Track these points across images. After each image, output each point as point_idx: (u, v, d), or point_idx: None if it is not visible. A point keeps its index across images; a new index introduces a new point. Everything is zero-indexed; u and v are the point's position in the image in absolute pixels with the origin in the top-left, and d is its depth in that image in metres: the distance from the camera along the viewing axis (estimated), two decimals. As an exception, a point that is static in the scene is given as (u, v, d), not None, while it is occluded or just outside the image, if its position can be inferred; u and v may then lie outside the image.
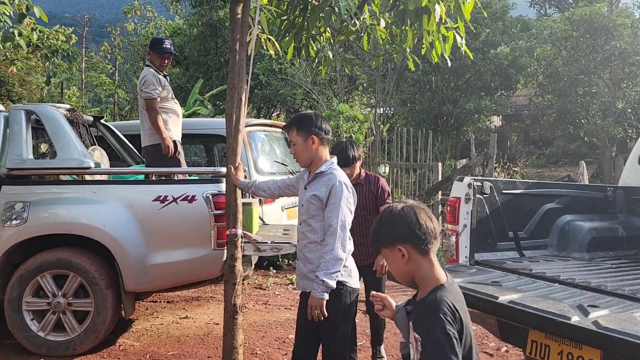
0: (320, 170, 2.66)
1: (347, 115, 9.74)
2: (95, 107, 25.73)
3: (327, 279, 2.50)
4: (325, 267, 2.51)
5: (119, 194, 3.94)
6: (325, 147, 2.71)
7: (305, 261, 2.68)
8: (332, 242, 2.53)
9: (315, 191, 2.62)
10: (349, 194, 2.62)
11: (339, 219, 2.54)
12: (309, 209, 2.65)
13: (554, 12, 22.48)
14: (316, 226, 2.63)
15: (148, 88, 4.58)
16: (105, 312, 3.84)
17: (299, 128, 2.68)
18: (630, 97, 14.33)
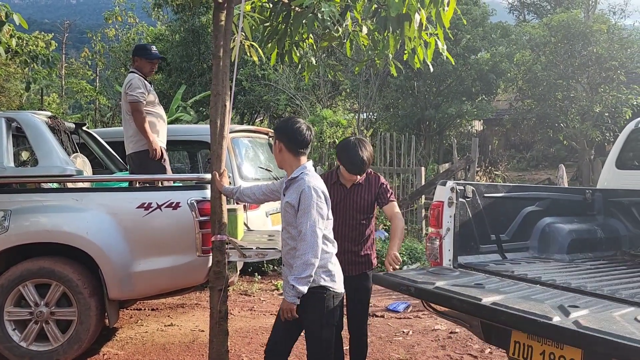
0: (292, 177, 2.70)
1: (331, 121, 9.78)
2: (76, 113, 25.46)
3: (297, 284, 2.52)
4: (297, 272, 2.54)
5: (102, 202, 3.91)
6: (296, 156, 2.71)
7: (289, 267, 2.71)
8: (303, 247, 2.54)
9: (287, 198, 2.66)
10: (319, 198, 2.62)
11: (308, 225, 2.55)
12: (285, 217, 2.70)
13: (532, 18, 22.88)
14: (293, 233, 2.66)
15: (134, 91, 4.54)
16: (88, 320, 3.80)
17: (275, 131, 2.78)
18: (607, 101, 14.62)
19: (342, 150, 3.16)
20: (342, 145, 3.20)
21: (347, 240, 3.20)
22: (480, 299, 2.21)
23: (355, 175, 3.18)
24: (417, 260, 7.06)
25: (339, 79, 9.58)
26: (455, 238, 3.01)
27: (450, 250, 3.00)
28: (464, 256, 3.06)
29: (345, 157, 3.12)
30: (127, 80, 4.66)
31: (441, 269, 2.88)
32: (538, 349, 2.29)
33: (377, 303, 5.63)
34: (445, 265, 3.01)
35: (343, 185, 3.25)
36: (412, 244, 7.55)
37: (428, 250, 3.14)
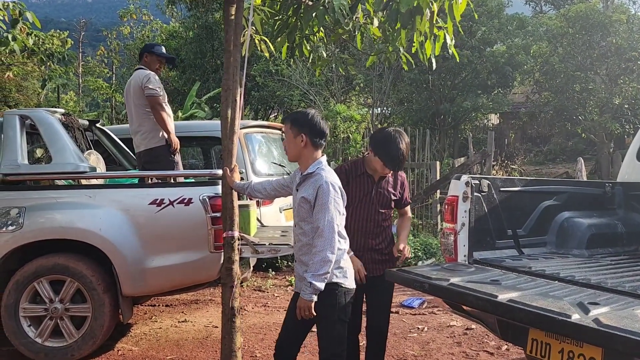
0: (308, 172, 2.65)
1: (345, 116, 9.72)
2: (92, 111, 25.70)
3: (315, 281, 2.49)
4: (314, 269, 2.51)
5: (115, 198, 3.92)
6: (316, 149, 2.67)
7: (300, 263, 2.69)
8: (320, 244, 2.51)
9: (303, 193, 2.61)
10: (337, 194, 2.59)
11: (326, 221, 2.52)
12: (299, 212, 2.64)
13: (549, 9, 22.50)
14: (306, 228, 2.62)
15: (153, 85, 4.55)
16: (102, 317, 3.81)
17: (293, 123, 2.68)
18: (627, 92, 14.32)
19: (380, 143, 2.91)
20: (380, 137, 2.94)
21: (370, 237, 3.03)
22: (496, 295, 2.15)
23: (391, 171, 2.99)
24: (432, 256, 6.98)
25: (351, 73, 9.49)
26: (471, 233, 2.94)
27: (466, 245, 2.94)
28: (480, 252, 2.99)
29: (384, 150, 2.88)
30: (143, 75, 4.61)
31: (456, 265, 2.82)
32: (556, 347, 2.22)
33: (391, 299, 5.57)
34: (460, 261, 2.95)
35: (370, 177, 3.03)
36: (427, 239, 7.48)
37: (443, 246, 3.08)
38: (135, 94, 4.61)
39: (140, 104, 4.61)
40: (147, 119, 4.62)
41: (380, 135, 2.97)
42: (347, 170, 3.00)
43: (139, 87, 4.57)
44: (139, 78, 4.63)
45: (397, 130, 2.99)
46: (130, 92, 4.66)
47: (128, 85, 4.74)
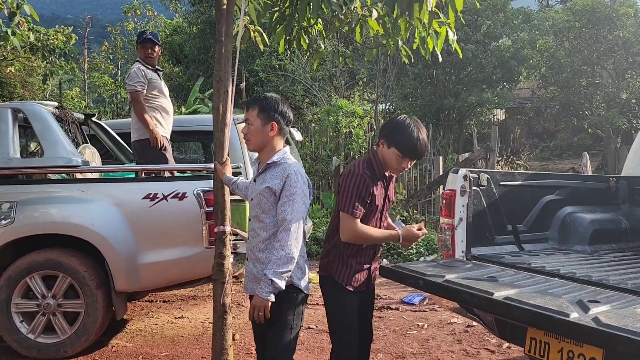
0: (272, 161, 2.43)
1: (347, 111, 9.63)
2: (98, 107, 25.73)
3: (276, 279, 2.25)
4: (275, 265, 2.27)
5: (108, 192, 3.86)
6: (282, 137, 2.49)
7: (255, 261, 2.44)
8: (285, 238, 2.28)
9: (267, 183, 2.39)
10: (305, 185, 2.39)
11: (293, 213, 2.31)
12: (261, 203, 2.40)
13: (556, 3, 22.25)
14: (268, 222, 2.39)
15: (132, 81, 4.52)
16: (96, 313, 3.76)
17: (262, 110, 2.44)
18: (634, 87, 14.13)
19: (393, 131, 2.50)
20: (393, 124, 2.54)
21: (378, 246, 2.69)
22: (492, 293, 2.07)
23: (408, 163, 2.55)
24: (434, 252, 6.89)
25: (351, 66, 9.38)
26: (469, 228, 2.85)
27: (463, 241, 2.85)
28: (478, 247, 2.90)
29: (402, 138, 2.46)
30: (130, 70, 4.63)
31: (453, 261, 2.73)
32: (556, 346, 2.14)
33: (392, 295, 5.50)
34: (457, 257, 2.86)
35: (386, 179, 2.62)
36: (430, 235, 7.38)
37: (440, 242, 3.00)
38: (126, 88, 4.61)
39: (128, 98, 4.61)
40: (133, 112, 4.60)
41: (393, 122, 2.56)
42: (370, 176, 2.48)
43: (125, 81, 4.57)
44: (127, 73, 4.65)
45: (409, 116, 2.58)
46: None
47: None
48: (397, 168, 2.55)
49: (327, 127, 9.62)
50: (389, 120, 2.67)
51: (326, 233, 2.68)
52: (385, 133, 2.54)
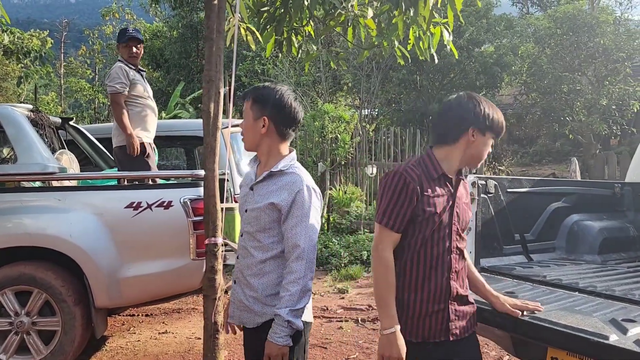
0: (278, 169, 2.00)
1: (333, 115, 9.45)
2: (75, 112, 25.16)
3: (294, 319, 1.86)
4: (291, 302, 1.86)
5: (87, 201, 3.60)
6: (283, 140, 2.04)
7: (245, 286, 2.02)
8: (301, 269, 1.87)
9: (271, 197, 1.96)
10: (318, 202, 1.99)
11: (308, 238, 1.90)
12: (260, 219, 1.98)
13: (536, 11, 22.50)
14: (266, 242, 1.97)
15: (113, 81, 4.23)
16: (73, 331, 3.49)
17: (255, 101, 2.04)
18: (614, 93, 14.27)
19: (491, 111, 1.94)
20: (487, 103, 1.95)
21: (454, 277, 1.91)
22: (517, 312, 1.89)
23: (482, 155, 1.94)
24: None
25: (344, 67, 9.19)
26: (477, 239, 2.68)
27: (472, 252, 2.68)
28: (487, 259, 2.74)
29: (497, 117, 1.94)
30: (111, 70, 4.37)
31: (463, 274, 2.56)
32: (579, 366, 1.97)
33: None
34: (467, 269, 2.68)
35: (450, 181, 1.94)
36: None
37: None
38: None
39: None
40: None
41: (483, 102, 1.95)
42: (419, 175, 1.88)
43: (105, 82, 4.31)
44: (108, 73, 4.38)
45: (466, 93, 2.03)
46: None
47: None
48: (470, 161, 1.96)
49: (313, 132, 9.43)
50: (447, 101, 2.01)
51: None
52: (482, 118, 1.90)
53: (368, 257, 6.93)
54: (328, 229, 8.29)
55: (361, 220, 8.23)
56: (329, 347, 4.25)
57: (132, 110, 4.30)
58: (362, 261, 6.89)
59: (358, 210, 8.48)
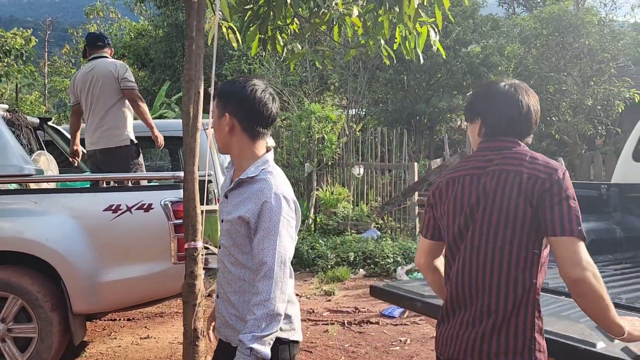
0: (247, 175, 1.77)
1: (319, 116, 9.39)
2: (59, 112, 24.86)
3: (259, 346, 1.62)
4: (255, 328, 1.63)
5: (64, 204, 3.50)
6: (254, 140, 1.79)
7: (227, 302, 1.83)
8: (267, 290, 1.65)
9: (239, 209, 1.75)
10: (291, 212, 1.74)
11: (276, 254, 1.67)
12: (232, 234, 1.78)
13: (522, 11, 22.65)
14: (241, 259, 1.77)
15: (132, 78, 4.25)
16: (50, 337, 3.39)
17: (218, 96, 1.83)
18: (599, 94, 14.39)
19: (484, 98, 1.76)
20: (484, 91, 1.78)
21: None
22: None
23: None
24: (411, 261, 6.71)
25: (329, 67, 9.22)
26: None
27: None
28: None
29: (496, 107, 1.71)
30: (120, 65, 4.29)
31: (449, 278, 2.51)
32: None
33: (370, 308, 5.27)
34: (452, 272, 2.63)
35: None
36: (406, 243, 7.21)
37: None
38: (106, 84, 4.21)
39: (111, 96, 4.22)
40: (113, 114, 4.23)
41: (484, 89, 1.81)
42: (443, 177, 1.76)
43: (114, 78, 4.19)
44: (113, 68, 4.25)
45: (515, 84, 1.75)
46: (98, 82, 4.23)
47: (89, 74, 4.28)
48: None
49: (299, 132, 9.37)
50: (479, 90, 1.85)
51: None
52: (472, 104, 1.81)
53: (355, 258, 6.88)
54: (315, 230, 8.24)
55: (348, 221, 8.18)
56: (314, 351, 4.19)
57: (129, 110, 4.31)
58: (348, 263, 6.83)
59: (345, 211, 8.44)
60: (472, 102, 1.80)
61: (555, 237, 1.53)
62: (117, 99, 4.24)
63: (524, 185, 1.56)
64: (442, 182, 1.73)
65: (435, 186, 1.77)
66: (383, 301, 2.57)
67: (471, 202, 1.63)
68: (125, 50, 18.59)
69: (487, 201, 1.61)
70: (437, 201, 1.74)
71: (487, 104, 1.73)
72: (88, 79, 4.27)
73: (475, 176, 1.66)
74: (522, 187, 1.56)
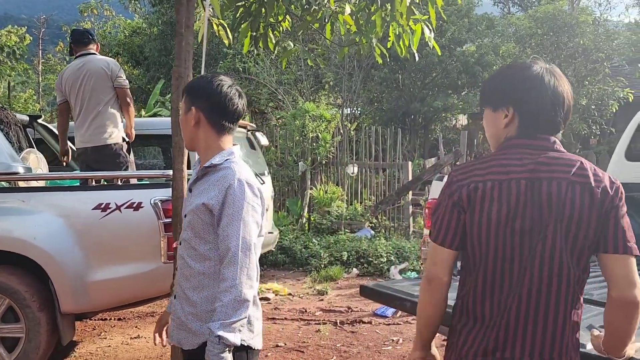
0: (211, 163, 1.77)
1: (314, 114, 9.36)
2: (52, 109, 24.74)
3: (226, 333, 1.60)
4: (223, 315, 1.62)
5: (53, 203, 3.47)
6: (220, 134, 1.80)
7: (185, 301, 1.79)
8: (232, 275, 1.63)
9: (203, 197, 1.73)
10: (255, 198, 1.73)
11: (240, 239, 1.66)
12: (194, 223, 1.75)
13: (517, 11, 22.69)
14: (203, 250, 1.74)
15: (124, 76, 4.20)
16: (38, 338, 3.35)
17: (185, 92, 1.86)
18: (593, 93, 14.44)
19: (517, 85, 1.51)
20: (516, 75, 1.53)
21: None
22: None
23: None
24: (405, 260, 6.69)
25: (322, 65, 9.11)
26: (455, 241, 2.61)
27: (449, 255, 2.60)
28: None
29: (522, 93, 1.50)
30: (113, 63, 4.28)
31: (439, 278, 2.48)
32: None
33: (363, 307, 5.25)
34: (443, 272, 2.61)
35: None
36: (399, 243, 7.19)
37: (423, 255, 2.75)
38: (99, 82, 4.18)
39: (103, 94, 4.18)
40: (104, 113, 4.19)
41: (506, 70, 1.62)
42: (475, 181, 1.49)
43: (106, 75, 4.16)
44: (105, 65, 4.21)
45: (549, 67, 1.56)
46: (90, 80, 4.19)
47: (79, 71, 4.23)
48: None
49: (293, 131, 9.34)
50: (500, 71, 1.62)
51: None
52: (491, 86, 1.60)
53: (348, 257, 6.86)
54: (308, 229, 8.21)
55: (342, 220, 8.16)
56: (306, 351, 4.16)
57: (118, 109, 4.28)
58: (342, 262, 6.81)
59: (339, 210, 8.41)
60: (500, 87, 1.53)
61: (614, 255, 1.43)
62: (110, 97, 4.21)
63: (596, 199, 1.42)
64: (479, 183, 1.46)
65: (470, 187, 1.46)
66: (373, 301, 2.54)
67: (534, 212, 1.42)
68: (119, 48, 18.51)
69: (558, 214, 1.41)
70: (474, 205, 1.45)
71: (523, 93, 1.48)
72: (79, 76, 4.22)
73: (530, 181, 1.43)
74: (594, 202, 1.42)
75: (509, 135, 1.52)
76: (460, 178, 1.50)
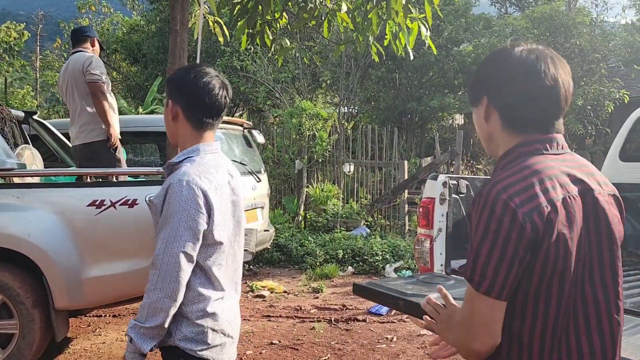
0: (170, 162, 1.69)
1: (310, 113, 9.36)
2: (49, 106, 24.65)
3: (136, 338, 1.55)
4: (139, 316, 1.57)
5: (47, 199, 3.45)
6: (198, 130, 1.68)
7: None
8: (152, 278, 1.56)
9: (155, 195, 1.68)
10: (194, 200, 1.56)
11: (168, 245, 1.54)
12: (155, 223, 1.68)
13: (514, 11, 22.72)
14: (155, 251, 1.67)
15: (97, 70, 4.07)
16: (32, 334, 3.35)
17: (166, 84, 1.77)
18: (589, 94, 14.48)
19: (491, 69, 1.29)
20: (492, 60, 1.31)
21: None
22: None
23: None
24: (400, 259, 6.70)
25: (318, 63, 9.09)
26: (448, 240, 2.62)
27: (442, 253, 2.62)
28: (458, 260, 2.68)
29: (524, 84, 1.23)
30: (85, 58, 4.16)
31: (433, 277, 2.49)
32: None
33: (357, 305, 5.26)
34: (436, 271, 2.63)
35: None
36: (395, 241, 7.20)
37: (417, 254, 2.76)
38: (76, 79, 4.15)
39: (81, 91, 4.15)
40: (88, 109, 4.16)
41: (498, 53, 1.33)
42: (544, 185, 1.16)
43: (80, 71, 4.11)
44: (82, 61, 4.17)
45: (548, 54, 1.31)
46: (72, 78, 4.17)
47: (65, 71, 4.23)
48: None
49: (290, 129, 9.34)
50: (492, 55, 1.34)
51: None
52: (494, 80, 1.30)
53: (344, 255, 6.87)
54: (304, 227, 8.22)
55: (338, 218, 8.17)
56: (300, 348, 4.17)
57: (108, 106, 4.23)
58: (337, 260, 6.82)
59: (335, 208, 8.42)
60: (474, 78, 1.33)
61: None
62: (87, 93, 4.17)
63: (621, 210, 1.26)
64: (546, 204, 1.12)
65: (542, 209, 1.11)
66: (366, 299, 2.55)
67: (607, 234, 1.19)
68: (117, 45, 18.47)
69: (612, 233, 1.20)
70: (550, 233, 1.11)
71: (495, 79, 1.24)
72: (65, 76, 4.24)
73: (588, 195, 1.19)
74: (622, 213, 1.25)
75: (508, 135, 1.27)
76: (522, 201, 1.12)
